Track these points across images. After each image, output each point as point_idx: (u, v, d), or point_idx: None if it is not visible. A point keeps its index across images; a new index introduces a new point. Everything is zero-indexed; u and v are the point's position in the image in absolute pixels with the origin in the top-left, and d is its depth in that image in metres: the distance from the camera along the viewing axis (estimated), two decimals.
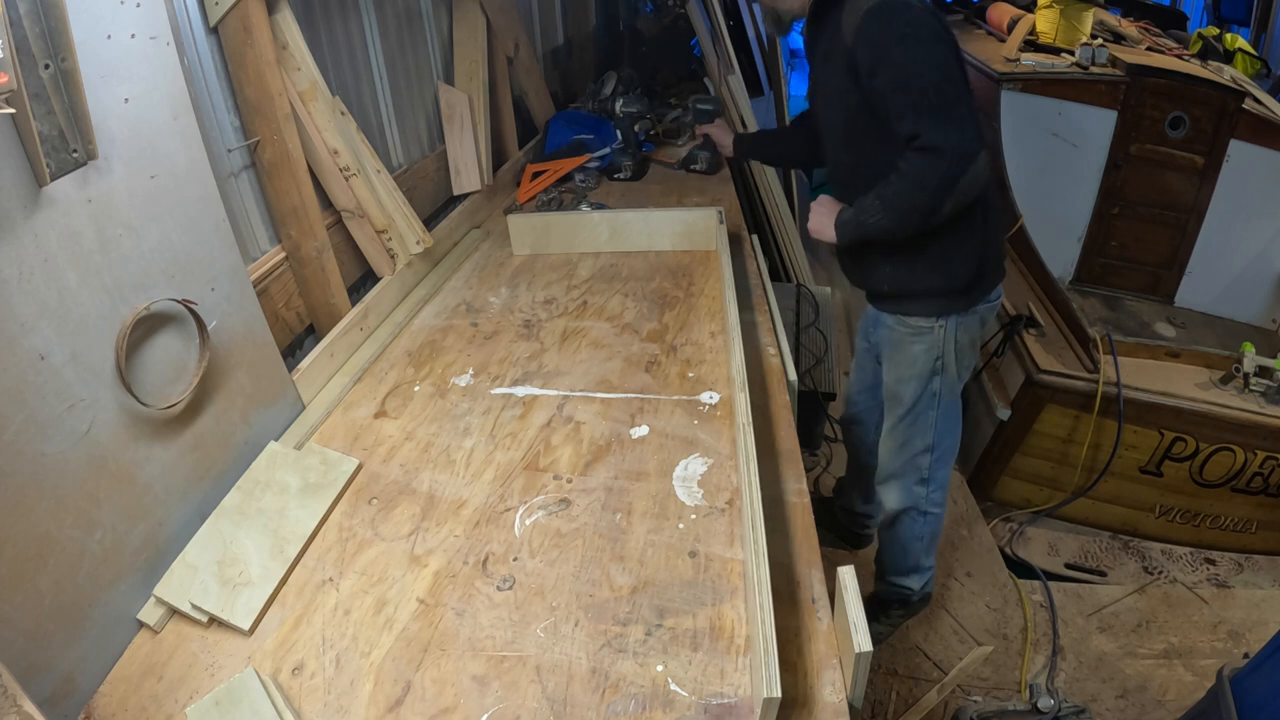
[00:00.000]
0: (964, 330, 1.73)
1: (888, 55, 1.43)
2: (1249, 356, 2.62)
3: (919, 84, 1.41)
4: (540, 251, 2.19)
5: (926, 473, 1.89)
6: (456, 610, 1.08)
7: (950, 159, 1.41)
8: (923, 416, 1.82)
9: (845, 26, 1.47)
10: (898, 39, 1.42)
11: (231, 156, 1.50)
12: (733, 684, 0.96)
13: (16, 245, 0.91)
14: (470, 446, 1.42)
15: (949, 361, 1.75)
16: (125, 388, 1.06)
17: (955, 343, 1.73)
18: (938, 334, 1.72)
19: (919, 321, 1.73)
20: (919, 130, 1.41)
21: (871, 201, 1.55)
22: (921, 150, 1.42)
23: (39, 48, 0.88)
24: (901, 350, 1.79)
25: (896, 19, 1.41)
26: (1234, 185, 3.62)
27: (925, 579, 2.13)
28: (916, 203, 1.48)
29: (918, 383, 1.78)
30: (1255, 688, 1.55)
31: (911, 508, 1.94)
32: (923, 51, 1.42)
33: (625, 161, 2.77)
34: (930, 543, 2.04)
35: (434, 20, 2.30)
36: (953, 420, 1.86)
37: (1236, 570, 2.66)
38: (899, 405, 1.84)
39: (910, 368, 1.78)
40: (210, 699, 0.94)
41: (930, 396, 1.79)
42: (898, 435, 1.88)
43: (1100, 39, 4.00)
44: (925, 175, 1.44)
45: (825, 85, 1.64)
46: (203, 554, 1.14)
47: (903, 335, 1.77)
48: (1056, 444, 2.72)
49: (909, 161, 1.45)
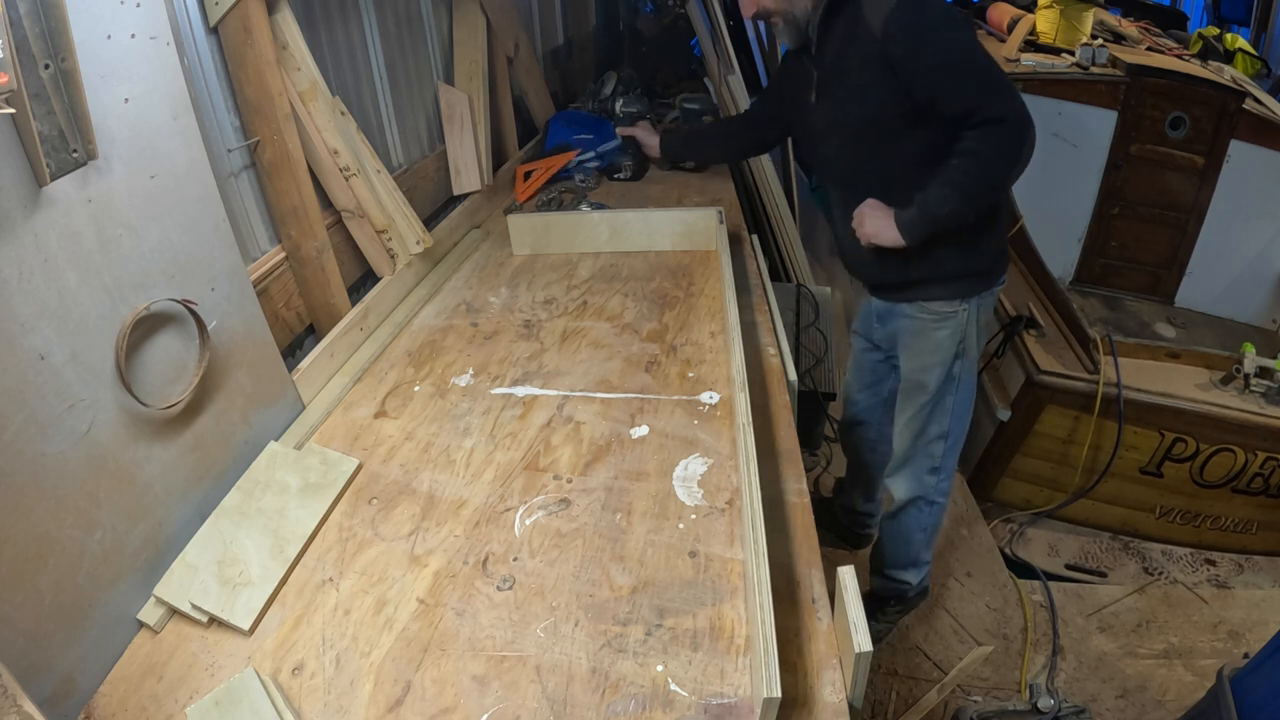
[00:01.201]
0: (984, 310, 1.76)
1: (930, 40, 1.46)
2: (1249, 357, 2.62)
3: (968, 64, 1.46)
4: (540, 251, 2.19)
5: (938, 460, 1.90)
6: (456, 610, 1.08)
7: (1016, 126, 1.44)
8: (942, 402, 1.83)
9: (870, 22, 1.49)
10: (936, 24, 1.47)
11: (231, 156, 1.50)
12: (733, 684, 0.96)
13: (16, 245, 0.91)
14: (470, 446, 1.42)
15: (970, 344, 1.77)
16: (125, 388, 1.06)
17: (976, 324, 1.75)
18: (961, 317, 1.73)
19: (942, 306, 1.73)
20: (977, 105, 1.44)
21: (938, 191, 1.53)
22: (985, 124, 1.44)
23: (39, 48, 0.88)
24: (924, 337, 1.78)
25: (930, 6, 1.47)
26: (1234, 185, 3.62)
27: (923, 574, 2.13)
28: (991, 177, 1.50)
29: (941, 369, 1.79)
30: (1255, 688, 1.55)
31: (920, 497, 1.95)
32: (964, 35, 1.50)
33: (625, 161, 2.75)
34: (931, 535, 2.05)
35: (434, 20, 2.30)
36: (968, 404, 1.87)
37: (1236, 571, 2.66)
38: (922, 393, 1.84)
39: (934, 354, 1.78)
40: (210, 699, 0.94)
41: (951, 381, 1.80)
42: (916, 423, 1.88)
43: (1100, 39, 4.01)
44: (997, 147, 1.46)
45: (838, 85, 1.62)
46: (203, 554, 1.14)
47: (925, 323, 1.76)
48: (1057, 445, 2.72)
49: (975, 139, 1.46)
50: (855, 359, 2.14)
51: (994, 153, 1.47)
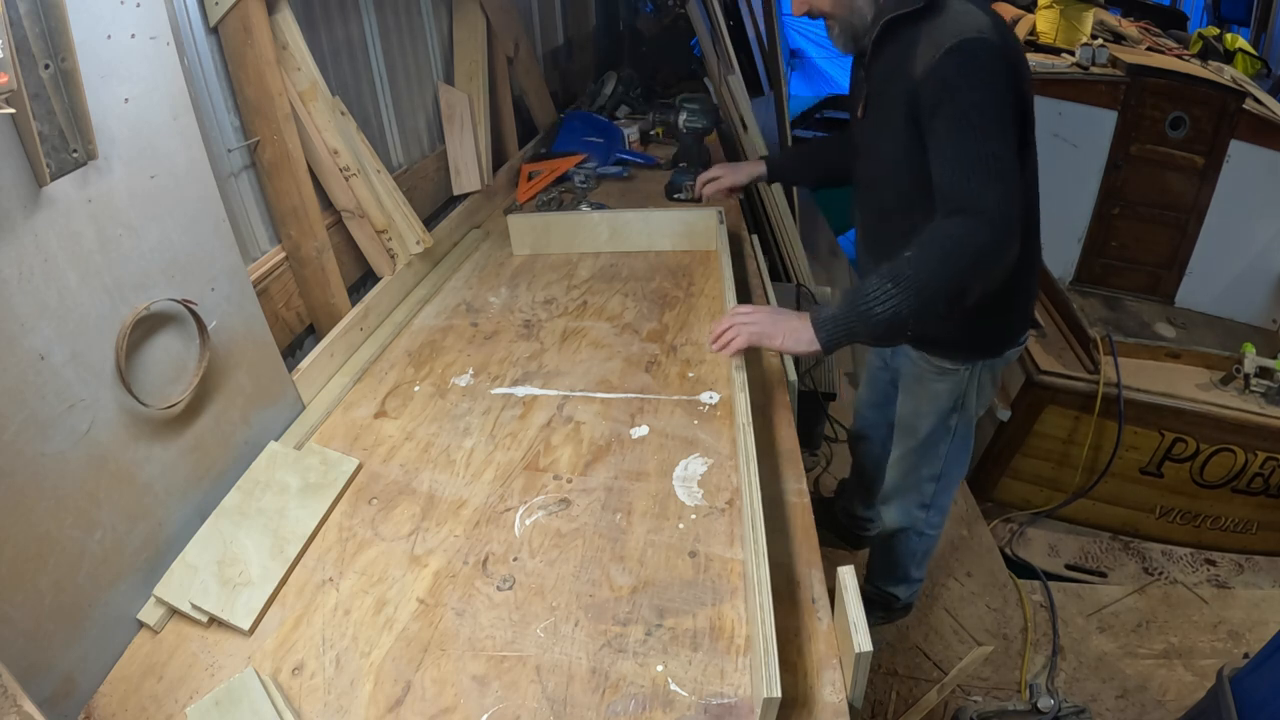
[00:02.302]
0: (988, 371, 1.66)
1: (955, 100, 1.25)
2: (1249, 357, 2.62)
3: (976, 144, 1.24)
4: (540, 251, 2.19)
5: (929, 499, 1.86)
6: (456, 610, 1.08)
7: (994, 226, 1.22)
8: (935, 449, 1.77)
9: (918, 59, 1.30)
10: (971, 86, 1.24)
11: (231, 156, 1.50)
12: (733, 684, 0.96)
13: (16, 245, 0.91)
14: (470, 446, 1.42)
15: (970, 401, 1.68)
16: (125, 388, 1.06)
17: (979, 384, 1.66)
18: (962, 375, 1.64)
19: (944, 363, 1.64)
20: (961, 189, 1.24)
21: (877, 286, 1.25)
22: (960, 213, 1.24)
23: (39, 48, 0.88)
24: (922, 385, 1.70)
25: (977, 66, 1.24)
26: (1234, 185, 3.62)
27: (913, 590, 2.14)
28: (946, 276, 1.23)
29: (935, 418, 1.71)
30: (1255, 688, 1.55)
31: (909, 528, 1.93)
32: (994, 109, 1.25)
33: (687, 182, 2.40)
34: (923, 558, 2.05)
35: (434, 20, 2.30)
36: (964, 451, 1.80)
37: (1237, 571, 2.66)
38: (911, 437, 1.78)
39: (930, 403, 1.71)
40: (210, 699, 0.94)
41: (945, 431, 1.73)
42: (905, 462, 1.84)
43: (1100, 39, 4.01)
44: (961, 242, 1.22)
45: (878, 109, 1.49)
46: (203, 554, 1.14)
47: (925, 371, 1.68)
48: (1057, 445, 2.72)
49: (943, 226, 1.25)
50: (869, 374, 2.10)
51: (958, 248, 1.22)
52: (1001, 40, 1.28)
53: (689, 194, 2.44)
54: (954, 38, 1.26)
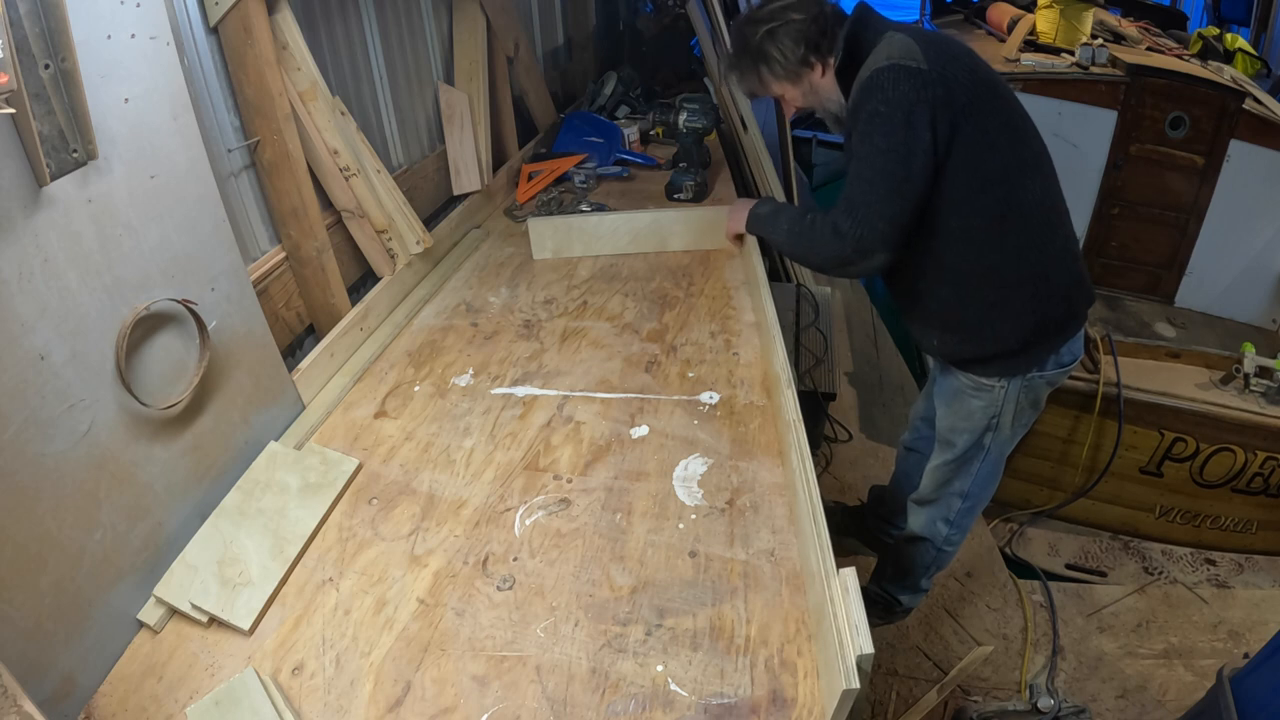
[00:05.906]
0: (1026, 393, 1.65)
1: (858, 128, 1.42)
2: (1249, 357, 2.62)
3: (862, 167, 1.43)
4: (562, 255, 2.16)
5: (954, 515, 1.88)
6: (456, 610, 1.08)
7: (846, 245, 1.47)
8: (967, 465, 1.79)
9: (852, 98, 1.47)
10: (869, 115, 1.39)
11: (231, 156, 1.50)
12: (733, 684, 0.96)
13: (16, 245, 0.91)
14: (470, 446, 1.42)
15: (1005, 421, 1.69)
16: (125, 388, 1.06)
17: (1015, 404, 1.66)
18: (997, 393, 1.65)
19: (980, 379, 1.66)
20: (845, 197, 1.47)
21: (786, 219, 1.69)
22: (833, 219, 1.49)
23: (39, 48, 0.88)
24: (960, 400, 1.73)
25: (876, 94, 1.38)
26: (1234, 185, 3.62)
27: (916, 599, 2.15)
28: (806, 251, 1.64)
29: (970, 435, 1.74)
30: (1255, 688, 1.55)
31: (929, 539, 1.94)
32: (881, 136, 1.39)
33: (687, 182, 2.48)
34: (934, 571, 2.05)
35: (434, 20, 2.30)
36: (994, 474, 1.83)
37: (1236, 570, 2.66)
38: (948, 450, 1.80)
39: (966, 420, 1.73)
40: (210, 699, 0.94)
41: (979, 449, 1.75)
42: (939, 473, 1.85)
43: (1100, 39, 4.01)
44: (823, 241, 1.53)
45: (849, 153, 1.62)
46: (203, 554, 1.14)
47: (963, 386, 1.71)
48: (1057, 444, 2.72)
49: (825, 219, 1.52)
50: (927, 388, 2.09)
51: (817, 241, 1.55)
52: (925, 64, 1.36)
53: (689, 194, 2.49)
54: (868, 70, 1.41)
